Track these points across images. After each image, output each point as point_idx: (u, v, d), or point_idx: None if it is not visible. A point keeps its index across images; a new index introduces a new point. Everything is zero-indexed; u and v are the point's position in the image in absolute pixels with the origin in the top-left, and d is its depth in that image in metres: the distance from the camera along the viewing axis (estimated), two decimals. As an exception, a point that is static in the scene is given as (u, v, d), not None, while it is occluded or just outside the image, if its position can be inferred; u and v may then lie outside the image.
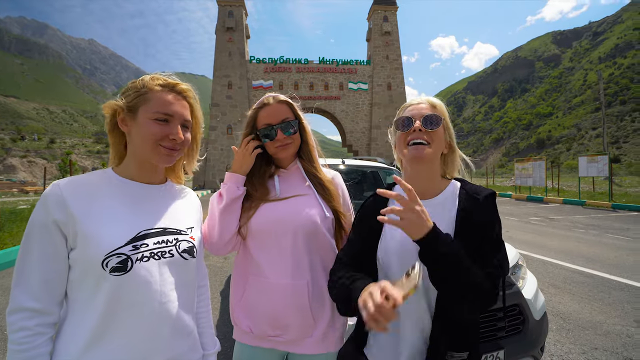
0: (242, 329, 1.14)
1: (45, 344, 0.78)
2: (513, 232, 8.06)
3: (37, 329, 0.77)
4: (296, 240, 1.10)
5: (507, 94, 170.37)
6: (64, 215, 0.80)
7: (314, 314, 1.11)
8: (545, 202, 15.65)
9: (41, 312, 0.79)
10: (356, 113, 34.12)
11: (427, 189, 1.02)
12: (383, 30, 35.25)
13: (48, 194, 0.81)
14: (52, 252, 0.80)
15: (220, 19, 33.75)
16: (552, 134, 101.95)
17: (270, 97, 1.17)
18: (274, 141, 1.14)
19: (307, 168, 1.21)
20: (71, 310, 0.83)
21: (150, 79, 0.92)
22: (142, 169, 0.94)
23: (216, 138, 31.52)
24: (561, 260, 5.53)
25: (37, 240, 0.80)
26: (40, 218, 0.80)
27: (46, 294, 0.79)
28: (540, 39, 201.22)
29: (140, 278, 0.83)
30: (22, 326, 0.76)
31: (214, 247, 1.12)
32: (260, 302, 1.10)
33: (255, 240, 1.12)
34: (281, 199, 1.15)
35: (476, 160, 10.85)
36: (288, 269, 1.09)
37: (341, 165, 3.58)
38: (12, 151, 71.50)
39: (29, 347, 0.76)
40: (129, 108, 0.90)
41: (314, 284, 1.12)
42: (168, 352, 0.88)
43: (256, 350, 1.14)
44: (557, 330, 3.10)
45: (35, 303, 0.78)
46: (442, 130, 1.02)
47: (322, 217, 1.14)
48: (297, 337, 1.11)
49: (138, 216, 0.89)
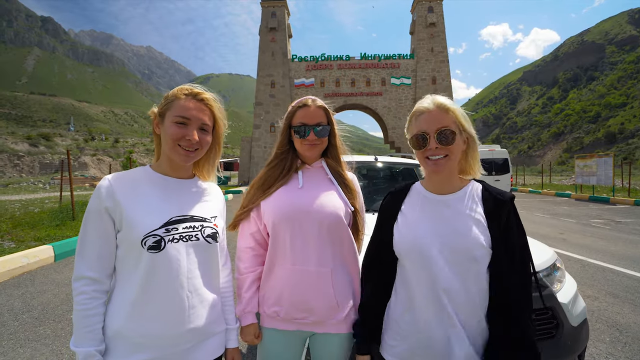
0: (268, 314, 1.23)
1: (99, 306, 0.96)
2: (568, 235, 7.39)
3: (93, 294, 0.96)
4: (321, 231, 1.18)
5: (569, 84, 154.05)
6: (112, 203, 0.97)
7: (338, 299, 1.19)
8: (612, 203, 14.02)
9: (97, 281, 0.96)
10: (399, 109, 33.21)
11: (446, 186, 1.07)
12: (428, 22, 33.77)
13: (100, 186, 0.99)
14: (103, 232, 0.97)
15: (263, 19, 34.72)
16: (625, 127, 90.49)
17: (309, 99, 1.27)
18: (305, 139, 1.24)
19: (333, 166, 1.31)
20: (119, 282, 1.01)
21: (178, 90, 1.07)
22: (172, 166, 1.10)
23: (260, 136, 32.60)
24: (625, 267, 4.98)
25: (92, 223, 0.98)
26: (94, 205, 0.98)
27: (100, 266, 0.97)
28: (613, 20, 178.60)
29: (171, 256, 0.98)
30: (82, 290, 0.95)
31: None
32: (286, 288, 1.18)
33: (281, 229, 1.19)
34: (305, 190, 1.23)
35: (531, 156, 10.02)
36: (313, 257, 1.18)
37: (375, 162, 3.54)
38: (85, 150, 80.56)
39: (87, 307, 0.94)
40: (160, 114, 1.07)
41: (336, 271, 1.20)
42: (195, 321, 1.03)
43: (282, 333, 1.23)
44: (611, 343, 2.84)
45: (92, 273, 0.96)
46: (458, 135, 1.03)
47: (345, 211, 1.22)
48: (322, 318, 1.19)
49: (170, 205, 1.05)
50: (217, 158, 1.20)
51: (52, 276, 4.69)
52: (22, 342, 2.89)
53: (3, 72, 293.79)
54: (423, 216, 1.06)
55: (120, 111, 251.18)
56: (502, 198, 1.01)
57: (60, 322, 3.28)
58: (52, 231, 7.01)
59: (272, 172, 1.28)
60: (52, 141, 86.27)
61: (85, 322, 0.93)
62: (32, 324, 3.22)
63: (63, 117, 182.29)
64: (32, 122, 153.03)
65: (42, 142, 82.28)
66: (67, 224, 7.75)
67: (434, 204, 1.06)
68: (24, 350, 2.76)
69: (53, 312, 3.51)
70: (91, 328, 0.93)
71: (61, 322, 3.26)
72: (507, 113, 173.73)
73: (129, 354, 0.95)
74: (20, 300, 3.81)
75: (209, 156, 1.19)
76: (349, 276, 1.25)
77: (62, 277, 4.66)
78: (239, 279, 1.27)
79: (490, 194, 1.03)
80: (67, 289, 4.17)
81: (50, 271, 4.93)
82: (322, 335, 1.24)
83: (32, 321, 3.29)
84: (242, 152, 32.89)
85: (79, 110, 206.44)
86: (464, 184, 1.08)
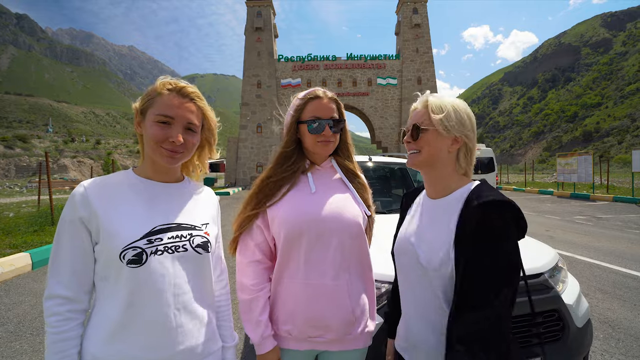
0: (279, 334, 1.10)
1: (75, 328, 0.85)
2: (554, 232, 7.56)
3: (68, 314, 0.85)
4: (340, 243, 1.07)
5: (548, 84, 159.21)
6: (87, 212, 0.87)
7: (355, 311, 1.09)
8: (592, 200, 14.49)
9: (71, 300, 0.86)
10: (385, 109, 33.50)
11: (437, 188, 1.01)
12: (413, 23, 34.21)
13: (74, 194, 0.88)
14: (79, 245, 0.87)
15: (249, 19, 34.42)
16: (600, 126, 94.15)
17: (321, 91, 1.13)
18: (319, 135, 1.10)
19: (345, 165, 1.20)
20: (98, 301, 0.89)
21: (160, 84, 0.94)
22: (156, 169, 0.98)
23: (246, 137, 32.27)
24: (610, 262, 5.10)
25: (66, 235, 0.87)
26: (68, 214, 0.87)
27: (75, 283, 0.86)
28: (588, 23, 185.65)
29: (154, 270, 0.87)
30: (54, 311, 0.84)
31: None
32: (299, 304, 1.06)
33: (295, 242, 1.06)
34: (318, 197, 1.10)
35: (513, 155, 10.26)
36: (330, 270, 1.06)
37: (369, 162, 3.52)
38: (64, 152, 77.76)
39: (60, 330, 0.83)
40: (141, 111, 0.95)
41: (352, 282, 1.10)
42: (186, 342, 0.91)
43: (293, 353, 1.11)
44: (605, 340, 2.86)
45: (66, 291, 0.85)
46: (435, 133, 0.95)
47: (363, 218, 1.13)
48: (338, 336, 1.09)
49: (154, 212, 0.93)
50: (207, 157, 1.08)
51: (29, 286, 4.43)
52: (-4, 359, 2.69)
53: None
54: (414, 219, 1.05)
55: (102, 112, 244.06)
56: (476, 202, 0.85)
57: (39, 335, 3.07)
58: (29, 237, 6.66)
59: (278, 174, 1.12)
60: (29, 143, 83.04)
61: (58, 347, 0.82)
62: (6, 339, 3.01)
63: (41, 118, 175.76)
64: (7, 123, 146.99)
65: (18, 144, 78.99)
66: (46, 229, 7.40)
67: (425, 208, 1.02)
68: (-2, 368, 2.57)
69: (30, 324, 3.29)
70: (65, 354, 0.82)
71: (39, 336, 3.06)
72: (490, 113, 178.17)
73: None
74: (-6, 313, 3.57)
75: (200, 155, 1.07)
76: (364, 285, 1.16)
77: (40, 286, 4.40)
78: (247, 300, 1.09)
79: (470, 199, 0.89)
80: (46, 299, 3.94)
81: (27, 280, 4.66)
82: (337, 353, 1.13)
83: (7, 335, 3.07)
84: (228, 153, 32.52)
85: (58, 111, 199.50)
86: (460, 186, 0.97)
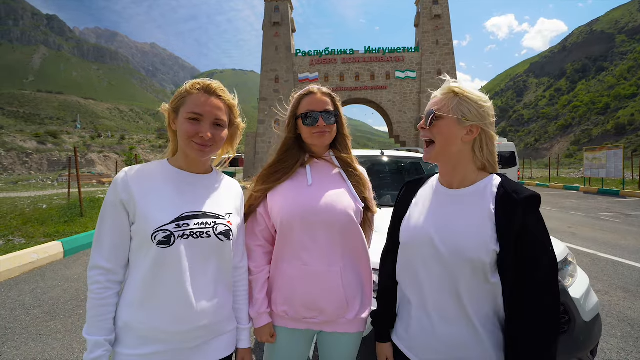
0: (277, 313, 1.21)
1: (112, 296, 0.98)
2: (577, 229, 7.29)
3: (107, 284, 0.97)
4: (332, 233, 1.15)
5: (578, 75, 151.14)
6: (127, 195, 0.98)
7: (347, 298, 1.17)
8: (621, 196, 13.79)
9: (110, 271, 0.98)
10: (404, 103, 32.90)
11: (456, 179, 1.01)
12: (433, 14, 33.25)
13: (117, 178, 1.00)
14: (119, 224, 0.99)
15: (266, 14, 34.53)
16: (635, 118, 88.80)
17: (315, 87, 1.23)
18: (313, 127, 1.19)
19: (342, 157, 1.27)
20: (131, 274, 1.01)
21: (191, 85, 1.06)
22: (188, 161, 1.09)
23: (264, 131, 32.58)
24: (636, 261, 4.90)
25: (108, 214, 0.99)
26: (111, 197, 0.99)
27: (114, 257, 0.98)
28: (624, 8, 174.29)
29: (179, 252, 0.98)
30: (96, 280, 0.96)
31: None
32: (296, 287, 1.16)
33: (291, 229, 1.16)
34: (314, 189, 1.19)
35: (538, 149, 9.83)
36: (324, 257, 1.15)
37: (382, 157, 3.53)
38: (91, 147, 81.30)
39: (100, 297, 0.95)
40: (174, 110, 1.07)
41: (346, 270, 1.18)
42: (203, 320, 1.01)
43: (291, 331, 1.21)
44: (623, 338, 2.80)
45: (107, 263, 0.97)
46: (450, 121, 0.96)
47: (355, 210, 1.19)
48: (331, 318, 1.18)
49: (183, 200, 1.04)
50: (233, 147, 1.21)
51: (61, 272, 4.76)
52: (34, 337, 2.93)
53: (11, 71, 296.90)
54: (428, 209, 1.03)
55: (126, 108, 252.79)
56: (516, 197, 0.88)
57: (71, 317, 3.32)
58: (61, 227, 7.10)
59: (278, 164, 1.25)
60: (59, 139, 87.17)
61: (98, 312, 0.94)
62: (43, 319, 3.27)
63: (70, 115, 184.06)
64: (40, 120, 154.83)
65: (49, 140, 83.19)
66: (75, 220, 7.84)
67: (441, 198, 1.03)
68: (36, 345, 2.80)
69: (63, 307, 3.56)
70: (102, 317, 0.95)
71: (71, 317, 3.31)
72: (514, 106, 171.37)
73: (137, 346, 0.96)
74: (31, 296, 3.86)
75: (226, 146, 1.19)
76: (358, 274, 1.23)
77: (71, 272, 4.72)
78: (250, 279, 1.23)
79: (506, 191, 0.91)
80: (77, 285, 4.22)
81: (60, 267, 5.00)
82: (331, 334, 1.22)
83: (43, 316, 3.34)
84: (246, 148, 32.93)
85: (85, 108, 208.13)
86: (479, 178, 0.99)
